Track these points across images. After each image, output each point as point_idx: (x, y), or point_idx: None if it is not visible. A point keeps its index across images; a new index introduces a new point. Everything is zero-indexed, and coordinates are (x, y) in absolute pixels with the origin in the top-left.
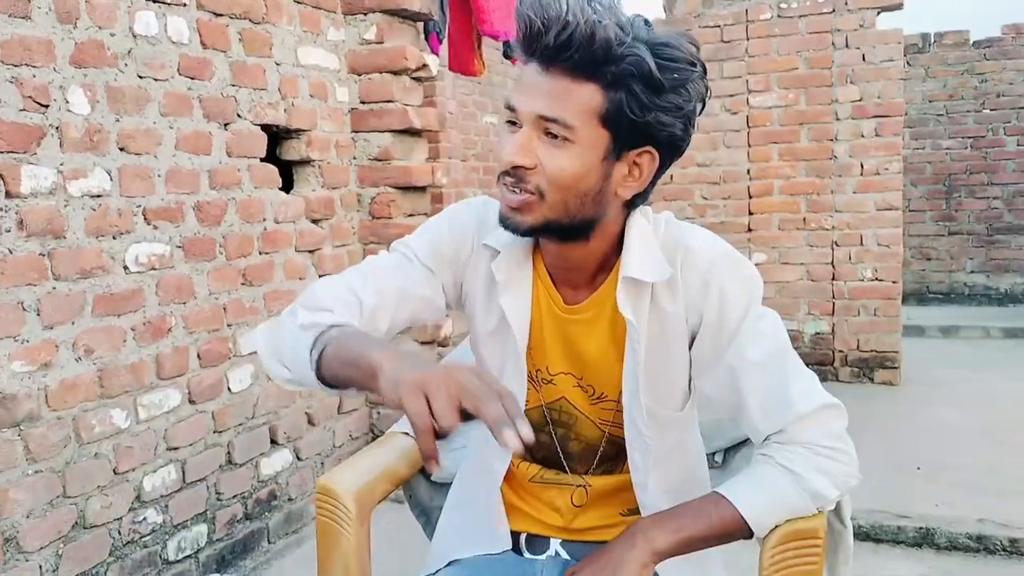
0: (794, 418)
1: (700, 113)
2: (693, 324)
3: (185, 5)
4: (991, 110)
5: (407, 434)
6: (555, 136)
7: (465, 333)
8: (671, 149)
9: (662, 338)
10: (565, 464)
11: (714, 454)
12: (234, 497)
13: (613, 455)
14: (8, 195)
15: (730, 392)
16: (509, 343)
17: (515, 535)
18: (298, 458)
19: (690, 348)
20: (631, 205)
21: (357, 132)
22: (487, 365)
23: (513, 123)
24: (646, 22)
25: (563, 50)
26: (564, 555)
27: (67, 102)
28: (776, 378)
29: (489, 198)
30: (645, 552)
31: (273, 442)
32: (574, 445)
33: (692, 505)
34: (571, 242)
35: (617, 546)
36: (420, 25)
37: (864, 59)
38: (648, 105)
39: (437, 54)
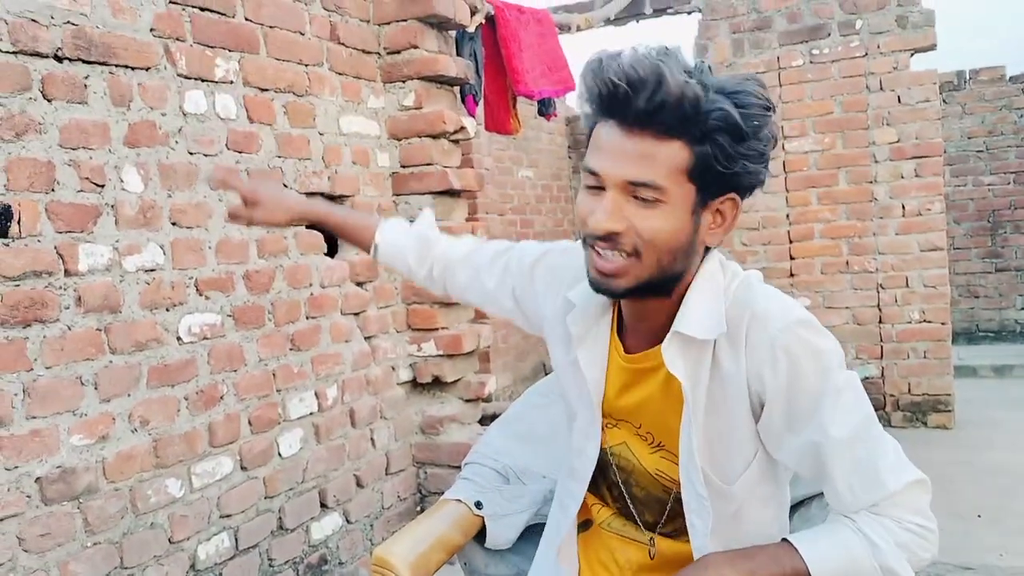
0: (884, 497)
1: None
2: (757, 390)
3: (232, 83)
4: None
5: (460, 501)
6: (645, 199)
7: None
8: (750, 191)
9: (723, 400)
10: (635, 514)
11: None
12: (286, 563)
13: (680, 513)
14: (67, 273)
15: (813, 465)
16: (583, 384)
17: None
18: (348, 521)
19: (757, 417)
20: (707, 250)
21: (399, 195)
22: (566, 395)
23: (595, 186)
24: (709, 68)
25: (652, 113)
26: None
27: (122, 181)
28: (863, 454)
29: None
30: None
31: (323, 506)
32: (637, 491)
33: (766, 550)
34: (655, 297)
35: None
36: (457, 89)
37: (899, 101)
38: (733, 156)
39: (473, 115)
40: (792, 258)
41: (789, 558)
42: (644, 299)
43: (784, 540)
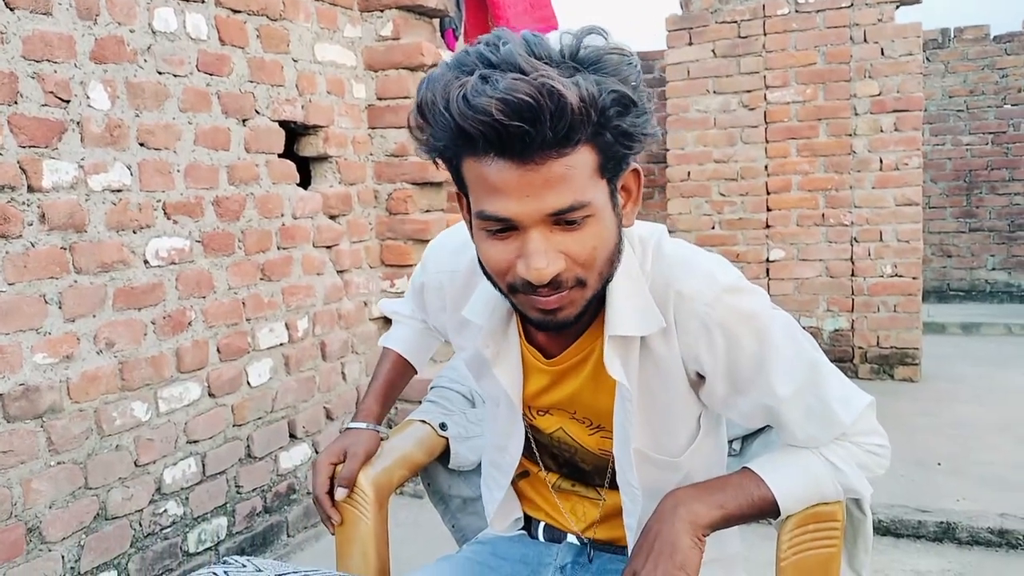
0: (840, 431)
1: None
2: (694, 368)
3: (203, 2)
4: (1012, 105)
5: (424, 422)
6: (573, 222)
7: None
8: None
9: (659, 383)
10: (584, 477)
11: (731, 442)
12: (253, 490)
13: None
14: (30, 189)
15: (766, 418)
16: (502, 394)
17: (535, 522)
18: (316, 452)
19: (697, 389)
20: None
21: (374, 128)
22: (483, 392)
23: (504, 231)
24: (538, 36)
25: (563, 138)
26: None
27: (88, 97)
28: (813, 400)
29: (460, 240)
30: (693, 527)
31: (292, 436)
32: (584, 465)
33: (732, 481)
34: None
35: (663, 525)
36: (436, 21)
37: (883, 53)
38: (632, 131)
39: (453, 50)
40: (769, 209)
41: (755, 486)
42: None
43: (747, 468)
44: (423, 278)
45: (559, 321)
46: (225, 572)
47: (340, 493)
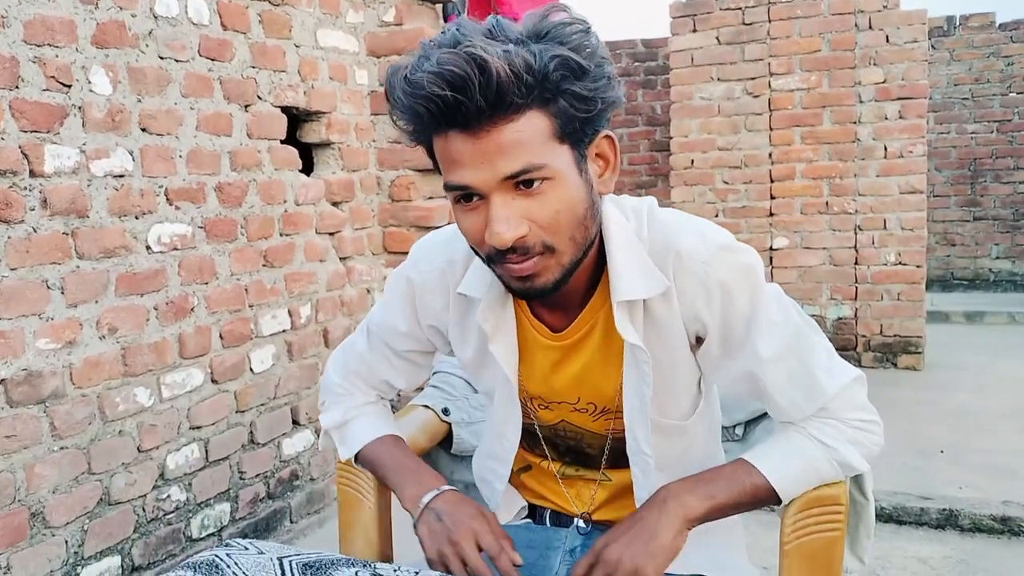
0: (824, 402)
1: None
2: (695, 329)
3: None
4: (1017, 93)
5: (427, 407)
6: (531, 184)
7: None
8: (612, 113)
9: (664, 351)
10: (590, 461)
11: (733, 427)
12: (256, 476)
13: (621, 451)
14: (32, 174)
15: (751, 388)
16: (499, 375)
17: (541, 511)
18: (319, 438)
19: (695, 353)
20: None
21: (376, 115)
22: (481, 386)
23: (470, 201)
24: (537, 16)
25: (493, 103)
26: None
27: (89, 82)
28: (796, 365)
29: (448, 231)
30: (679, 519)
31: (295, 423)
32: (590, 450)
33: (724, 472)
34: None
35: (650, 513)
36: (439, 7)
37: (888, 40)
38: (588, 96)
39: None
40: (773, 197)
41: (747, 475)
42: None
43: (740, 459)
44: (417, 278)
45: (537, 288)
46: (228, 555)
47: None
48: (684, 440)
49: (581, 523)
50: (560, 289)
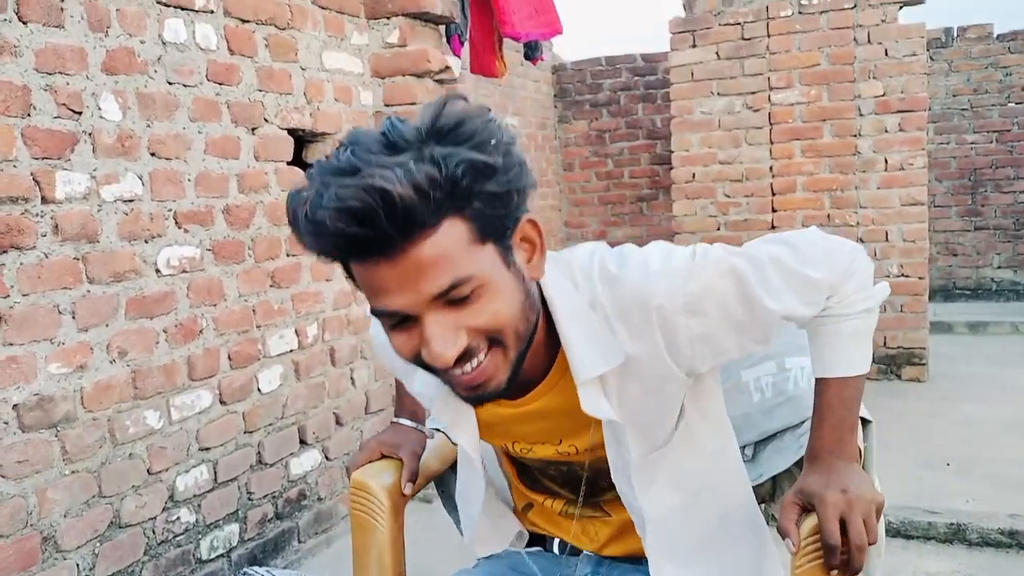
0: (827, 289)
1: None
2: (689, 355)
3: (212, 12)
4: (1016, 103)
5: (438, 430)
6: (462, 297)
7: None
8: (530, 195)
9: (641, 382)
10: (581, 495)
11: (744, 447)
12: (265, 497)
13: (607, 484)
14: (44, 200)
15: (779, 329)
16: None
17: (550, 539)
18: (327, 458)
19: (691, 373)
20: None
21: None
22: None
23: (401, 322)
24: (401, 120)
25: (403, 227)
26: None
27: (99, 108)
28: (796, 281)
29: None
30: (854, 461)
31: (302, 442)
32: (581, 471)
33: (831, 406)
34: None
35: (833, 467)
36: (442, 28)
37: (887, 54)
38: (501, 192)
39: (459, 56)
40: (774, 210)
41: (841, 388)
42: None
43: (820, 383)
44: (380, 347)
45: (490, 392)
46: None
47: (407, 488)
48: (668, 459)
49: (591, 552)
50: (514, 382)
